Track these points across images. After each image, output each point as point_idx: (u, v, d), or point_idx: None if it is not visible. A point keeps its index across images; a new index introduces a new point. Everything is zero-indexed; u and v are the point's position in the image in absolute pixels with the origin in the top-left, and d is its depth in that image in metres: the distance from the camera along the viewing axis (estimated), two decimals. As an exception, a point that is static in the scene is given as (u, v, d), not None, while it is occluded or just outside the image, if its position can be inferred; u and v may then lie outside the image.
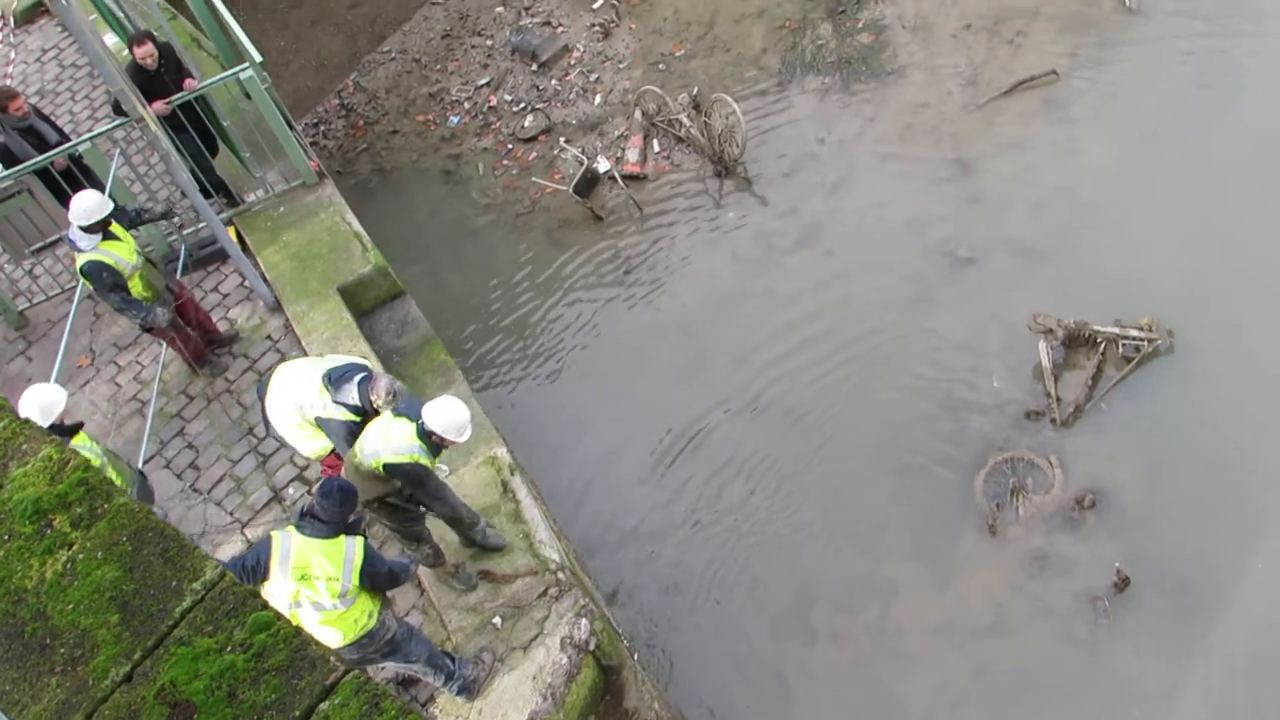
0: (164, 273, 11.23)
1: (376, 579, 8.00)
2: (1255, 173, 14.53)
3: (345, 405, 9.12)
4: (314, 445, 9.55)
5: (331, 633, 7.83)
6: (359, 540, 7.93)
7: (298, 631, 4.63)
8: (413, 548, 9.30)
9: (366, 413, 9.17)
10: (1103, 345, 13.22)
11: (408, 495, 8.86)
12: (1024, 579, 12.07)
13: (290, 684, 4.43)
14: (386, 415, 8.69)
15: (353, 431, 9.11)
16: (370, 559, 7.91)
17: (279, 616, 4.68)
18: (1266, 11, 16.55)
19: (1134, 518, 12.15)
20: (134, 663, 4.57)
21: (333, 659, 4.53)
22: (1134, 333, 13.16)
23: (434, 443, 8.54)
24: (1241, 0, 16.85)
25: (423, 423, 8.45)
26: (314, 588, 7.69)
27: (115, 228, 10.56)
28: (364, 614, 7.99)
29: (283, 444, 10.21)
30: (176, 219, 11.98)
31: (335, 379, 9.17)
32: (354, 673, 4.49)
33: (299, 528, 7.83)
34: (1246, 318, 13.20)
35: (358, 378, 9.14)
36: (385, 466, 8.47)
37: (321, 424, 9.25)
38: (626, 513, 13.39)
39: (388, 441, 8.47)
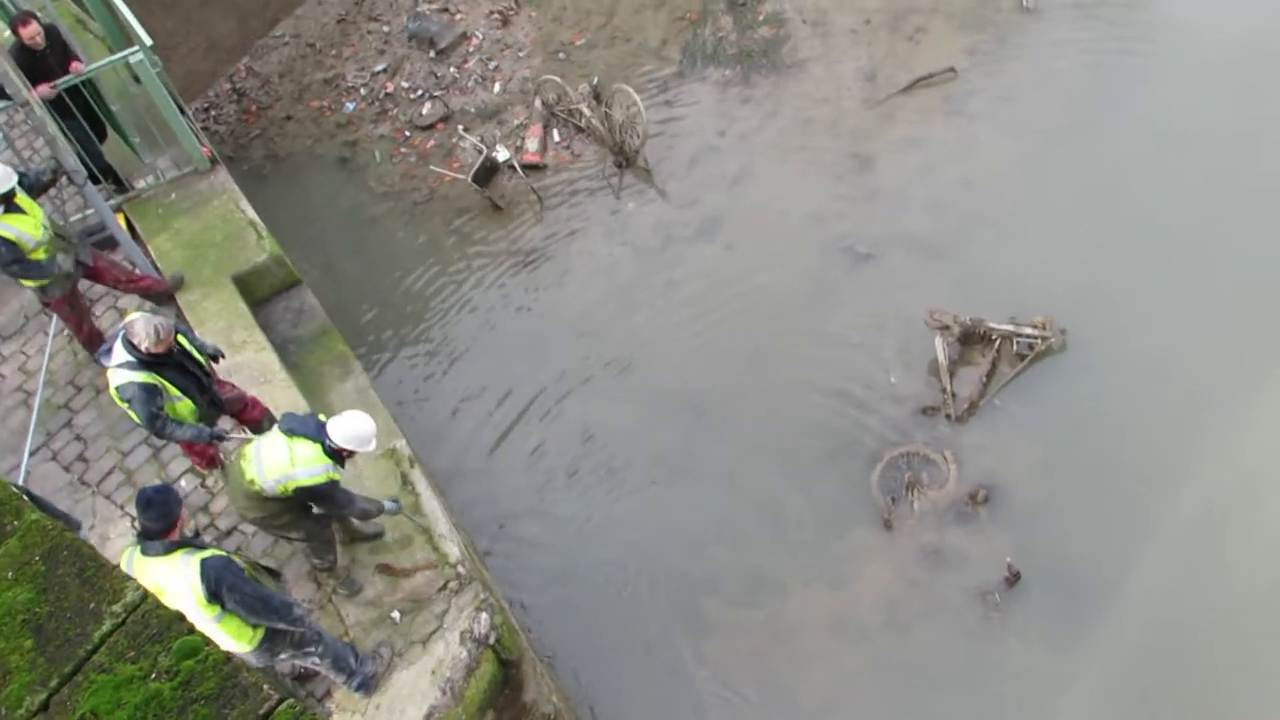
0: (77, 247, 10.76)
1: (241, 602, 7.40)
2: (1147, 174, 14.86)
3: (120, 366, 8.72)
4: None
5: (228, 640, 7.57)
6: (196, 559, 7.31)
7: (228, 658, 4.40)
8: (320, 555, 9.13)
9: (149, 363, 8.72)
10: (998, 342, 13.39)
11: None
12: (918, 572, 12.19)
13: (221, 714, 4.19)
14: (274, 436, 8.41)
15: (150, 390, 8.72)
16: (219, 580, 7.29)
17: (207, 642, 4.44)
18: (1160, 17, 16.90)
19: (1026, 513, 12.34)
20: (50, 690, 4.30)
21: (266, 687, 4.30)
22: (1028, 330, 13.36)
23: (341, 457, 8.36)
24: (1136, 4, 17.17)
25: (329, 441, 8.25)
26: (180, 605, 6.82)
27: (22, 200, 10.12)
28: (249, 626, 7.67)
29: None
30: (75, 177, 11.35)
31: (105, 351, 8.85)
32: (289, 702, 4.28)
33: (141, 548, 7.36)
34: (1137, 317, 13.48)
35: (121, 333, 8.74)
36: (297, 490, 8.28)
37: (124, 399, 8.79)
38: (514, 500, 13.30)
39: (293, 465, 8.21)
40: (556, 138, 17.13)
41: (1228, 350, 13.18)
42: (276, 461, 8.26)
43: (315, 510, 8.83)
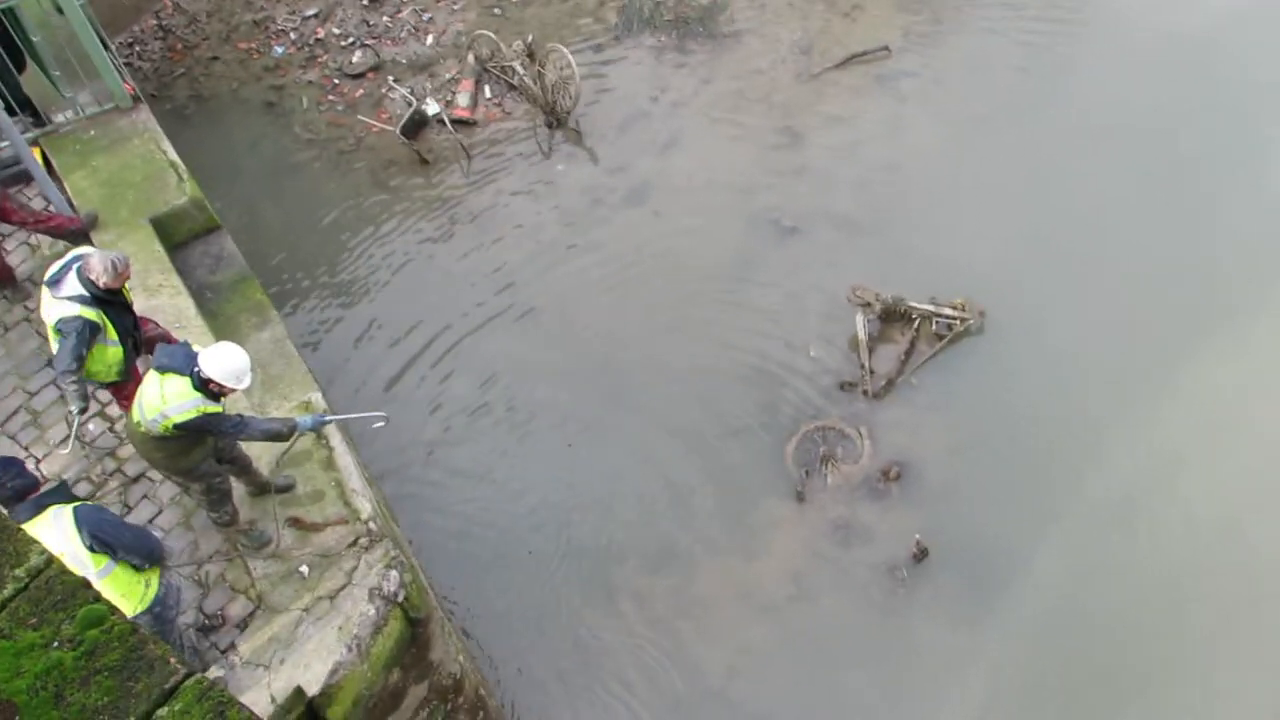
0: None
1: (121, 546, 7.54)
2: (1071, 162, 15.11)
3: (70, 298, 8.63)
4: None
5: (118, 599, 7.47)
6: (68, 509, 7.44)
7: (134, 629, 4.28)
8: (217, 508, 9.01)
9: (100, 299, 8.69)
10: (917, 321, 13.54)
11: (216, 449, 8.62)
12: (828, 546, 12.32)
13: (125, 686, 4.08)
14: (150, 375, 8.26)
15: (93, 329, 8.67)
16: (97, 526, 7.41)
17: (113, 611, 4.32)
18: (1094, 7, 17.09)
19: (936, 491, 12.52)
20: None
21: (172, 660, 4.20)
22: (947, 311, 13.52)
23: (213, 390, 8.21)
24: (1068, -8, 17.38)
25: (198, 371, 8.10)
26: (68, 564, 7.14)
27: None
28: (139, 581, 7.69)
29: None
30: None
31: (54, 280, 8.73)
32: (197, 676, 4.18)
33: (11, 514, 7.30)
34: (1054, 303, 13.72)
35: (75, 265, 8.68)
36: (175, 426, 8.13)
37: (60, 331, 8.68)
38: (416, 450, 13.25)
39: (164, 402, 8.05)
40: (488, 94, 16.98)
41: (1140, 336, 13.51)
42: (150, 399, 8.10)
43: (218, 445, 8.72)
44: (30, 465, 10.01)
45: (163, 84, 17.26)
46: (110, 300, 8.81)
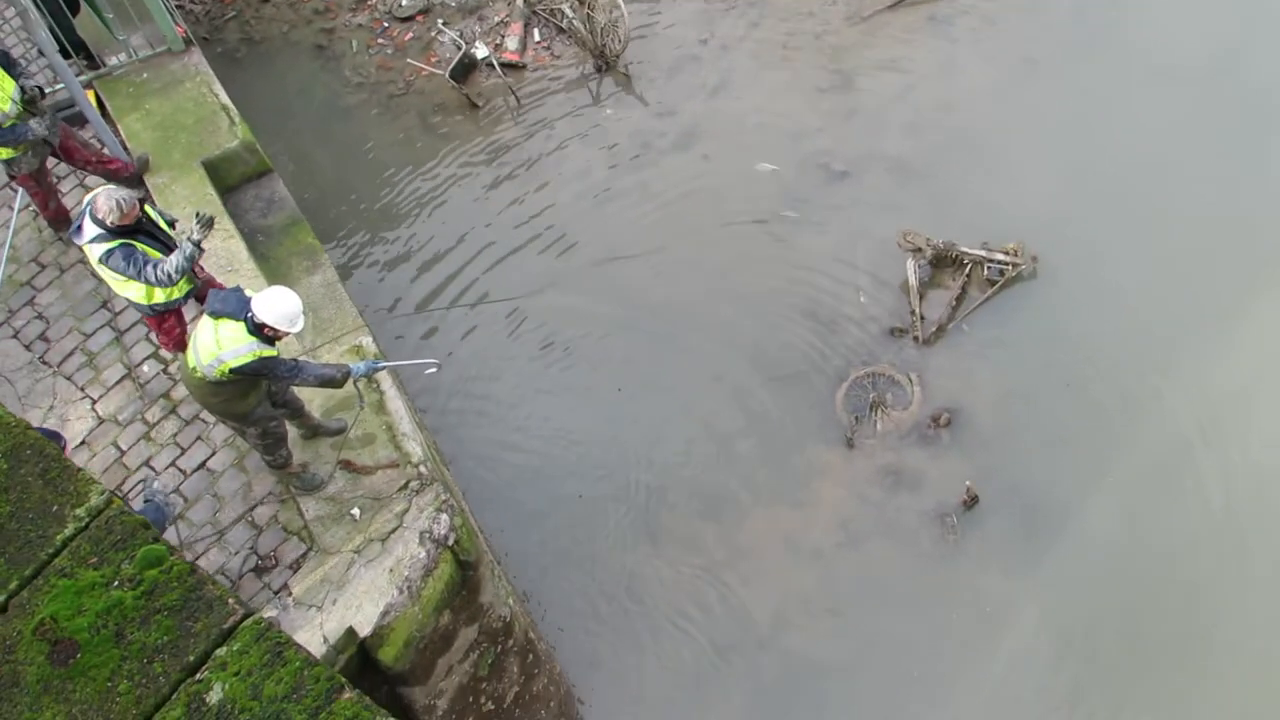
0: (48, 124, 10.55)
1: None
2: (1126, 105, 14.86)
3: (91, 241, 8.75)
4: (128, 290, 9.18)
5: None
6: None
7: (193, 569, 4.32)
8: (272, 452, 9.09)
9: (118, 233, 8.81)
10: (969, 267, 13.41)
11: (271, 393, 8.68)
12: (877, 492, 12.31)
13: (184, 625, 4.12)
14: (205, 321, 8.32)
15: (128, 249, 8.81)
16: None
17: (172, 551, 4.37)
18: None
19: (987, 438, 12.45)
20: (9, 593, 4.19)
21: (231, 601, 4.24)
22: (1000, 256, 13.39)
23: (267, 335, 8.26)
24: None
25: (252, 316, 8.16)
26: None
27: None
28: None
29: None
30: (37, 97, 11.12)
31: (75, 230, 8.86)
32: (255, 616, 4.23)
33: None
34: (1109, 248, 13.53)
35: (87, 210, 8.76)
36: (232, 371, 8.19)
37: (114, 268, 8.86)
38: (492, 411, 13.29)
39: (220, 347, 8.12)
40: (537, 37, 16.88)
41: (1198, 281, 13.32)
42: (206, 344, 8.18)
43: (272, 389, 8.80)
44: (86, 406, 10.17)
45: (214, 27, 17.28)
46: (133, 232, 8.90)
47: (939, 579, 11.75)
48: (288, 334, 8.30)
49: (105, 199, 8.64)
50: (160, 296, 9.28)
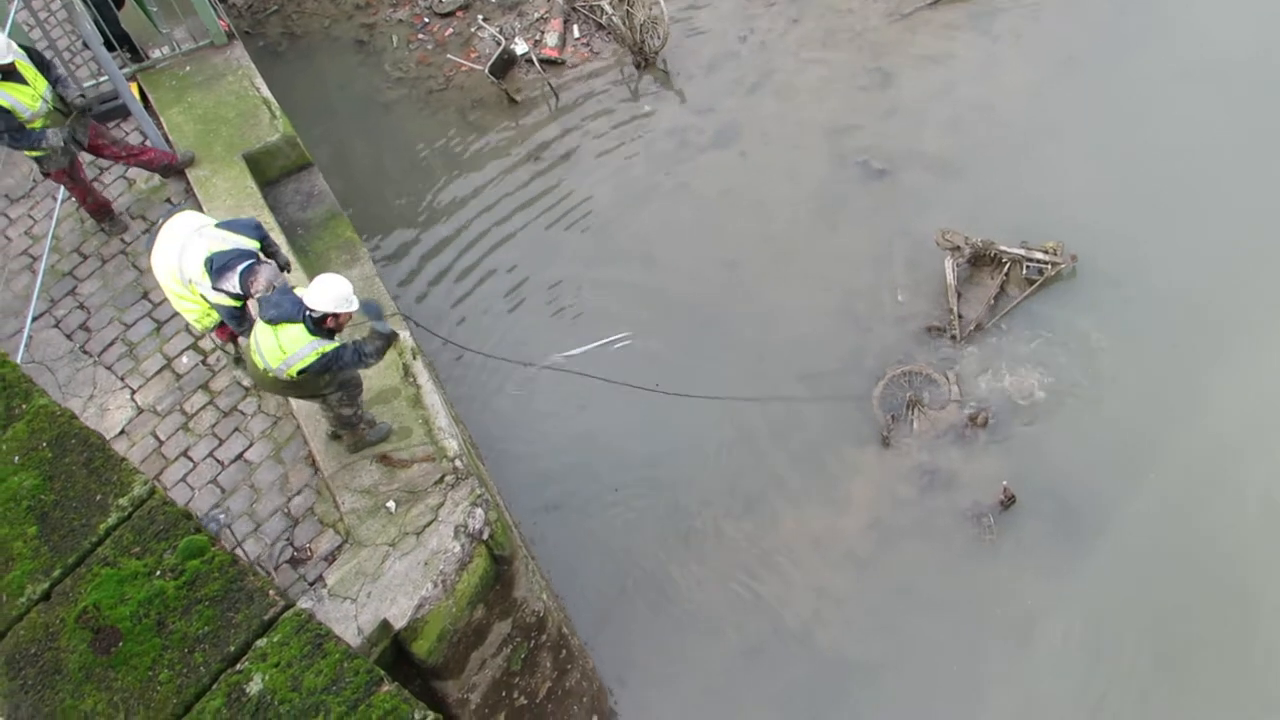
0: (75, 123, 10.65)
1: None
2: (1168, 105, 14.72)
3: (226, 292, 8.88)
4: (193, 309, 9.27)
5: None
6: None
7: (234, 560, 4.35)
8: (353, 402, 9.15)
9: (248, 296, 9.01)
10: (1007, 265, 13.33)
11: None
12: (913, 492, 12.25)
13: (225, 616, 4.14)
14: (263, 327, 8.40)
15: (235, 315, 9.04)
16: None
17: (214, 542, 4.39)
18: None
19: (1025, 438, 12.37)
20: (53, 580, 4.22)
21: (271, 593, 4.27)
22: (1039, 255, 13.29)
23: (328, 328, 8.34)
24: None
25: (310, 314, 8.23)
26: None
27: (25, 70, 10.08)
28: None
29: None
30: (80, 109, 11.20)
31: (217, 268, 8.89)
32: (295, 608, 4.25)
33: None
34: (1150, 247, 13.41)
35: (240, 267, 8.85)
36: (300, 373, 8.30)
37: (221, 309, 9.07)
38: (523, 413, 13.31)
39: (284, 351, 8.26)
40: (576, 34, 16.90)
41: (1241, 282, 13.15)
42: (270, 349, 8.33)
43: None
44: (126, 395, 10.25)
45: (256, 21, 17.39)
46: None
47: (974, 580, 11.68)
48: (349, 316, 8.37)
49: (268, 277, 8.80)
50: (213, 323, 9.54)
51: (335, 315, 8.30)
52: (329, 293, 8.23)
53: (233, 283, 8.84)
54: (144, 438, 10.00)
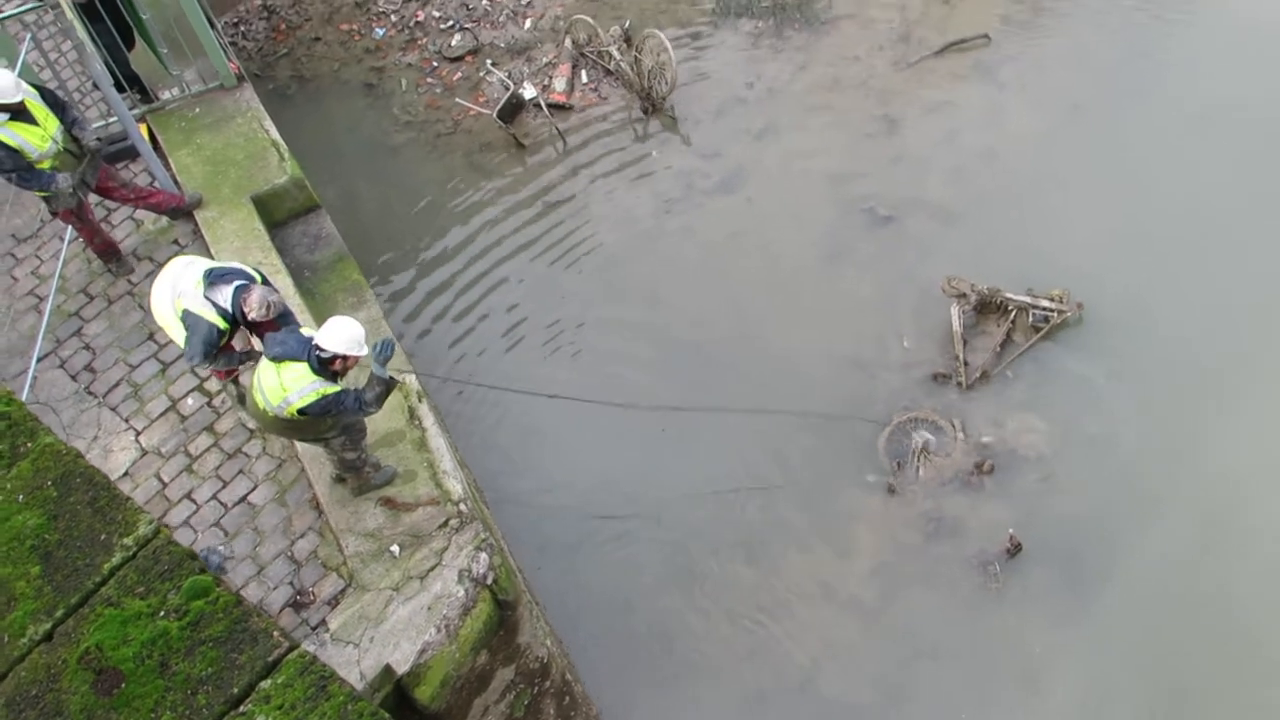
0: (85, 167, 10.69)
1: None
2: (1174, 154, 14.76)
3: (215, 305, 8.85)
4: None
5: None
6: None
7: (238, 601, 4.32)
8: (357, 446, 9.16)
9: (236, 322, 9.00)
10: (1013, 313, 13.33)
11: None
12: (918, 539, 12.20)
13: (229, 658, 4.10)
14: (266, 365, 8.42)
15: (213, 340, 8.90)
16: None
17: (218, 583, 4.36)
18: (1199, -7, 16.79)
19: (1031, 486, 12.34)
20: (55, 621, 4.18)
21: (276, 634, 4.24)
22: (1045, 303, 13.29)
23: (333, 370, 8.33)
24: (1175, -19, 17.04)
25: (318, 354, 8.23)
26: None
27: (36, 110, 10.12)
28: None
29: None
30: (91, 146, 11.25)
31: (214, 277, 8.92)
32: (299, 650, 4.21)
33: None
34: (1157, 296, 13.42)
35: (236, 283, 8.90)
36: (301, 411, 8.30)
37: (188, 319, 8.89)
38: (520, 458, 13.28)
39: (285, 390, 8.25)
40: (584, 79, 16.98)
41: (1248, 331, 13.13)
42: (271, 387, 8.33)
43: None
44: (130, 437, 10.25)
45: (266, 64, 17.49)
46: (242, 323, 9.11)
47: (980, 628, 11.62)
48: (356, 361, 8.37)
49: (260, 296, 8.86)
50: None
51: (344, 358, 8.30)
52: (341, 334, 8.23)
53: (225, 295, 8.83)
54: (147, 479, 10.00)
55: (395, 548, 9.19)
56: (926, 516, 12.28)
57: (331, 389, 8.33)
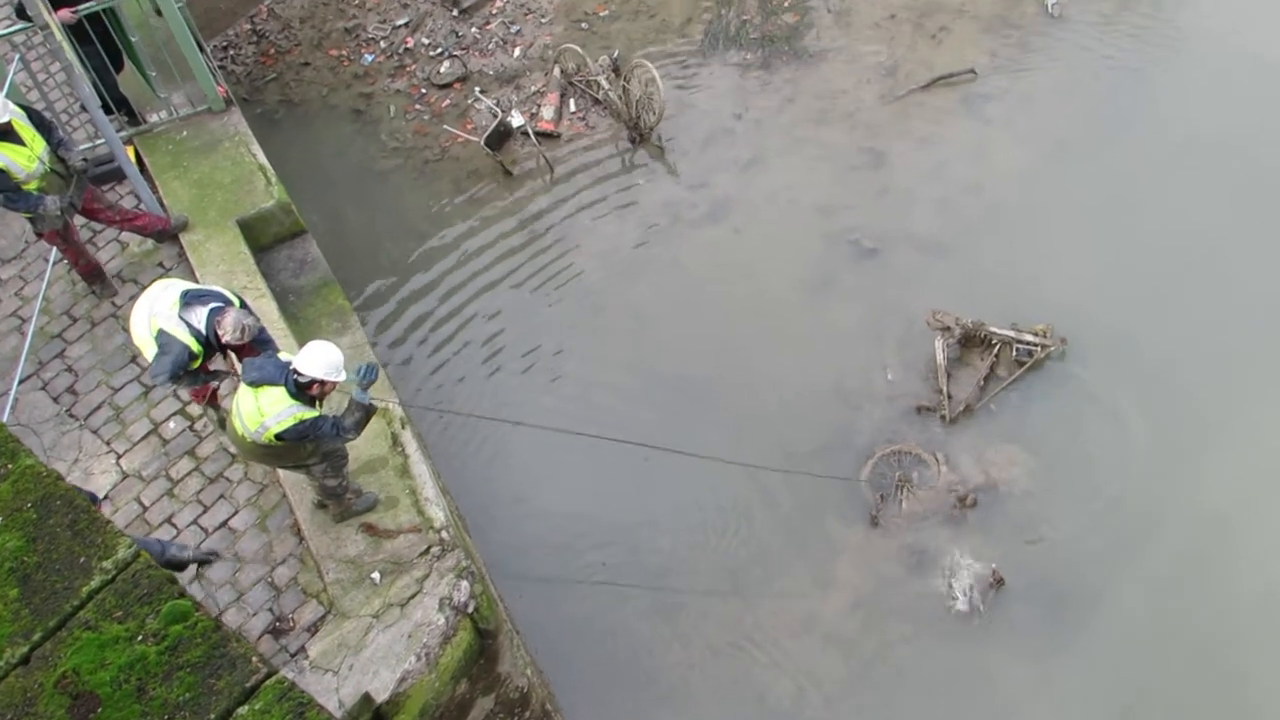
0: (73, 190, 10.65)
1: None
2: (1159, 189, 14.85)
3: (189, 326, 8.83)
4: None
5: None
6: None
7: (217, 626, 4.30)
8: (338, 473, 9.10)
9: (209, 345, 8.96)
10: (997, 347, 13.36)
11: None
12: (901, 572, 12.19)
13: (207, 683, 4.09)
14: (244, 390, 8.40)
15: (182, 362, 8.86)
16: None
17: (197, 607, 4.35)
18: (1185, 30, 16.85)
19: (1014, 520, 12.34)
20: (33, 644, 4.16)
21: (254, 660, 4.22)
22: (1029, 337, 13.33)
23: (310, 395, 8.31)
24: (1162, 17, 17.14)
25: (296, 377, 8.21)
26: None
27: (23, 130, 10.10)
28: None
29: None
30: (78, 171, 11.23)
31: (190, 298, 8.91)
32: (277, 676, 4.19)
33: None
34: (1141, 330, 13.47)
35: (212, 304, 8.89)
36: (278, 436, 8.27)
37: (161, 338, 8.86)
38: (503, 486, 13.25)
39: (262, 414, 8.23)
40: (573, 108, 17.03)
41: (1233, 367, 13.18)
42: (249, 412, 8.31)
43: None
44: (111, 460, 10.20)
45: (254, 88, 17.51)
46: (217, 347, 9.09)
47: (962, 663, 11.60)
48: (335, 385, 8.35)
49: (235, 320, 8.86)
50: None
51: (321, 383, 8.27)
52: (319, 359, 8.21)
53: (199, 316, 8.81)
54: (127, 503, 9.95)
55: (376, 575, 9.16)
56: (909, 549, 12.27)
57: (309, 414, 8.30)
